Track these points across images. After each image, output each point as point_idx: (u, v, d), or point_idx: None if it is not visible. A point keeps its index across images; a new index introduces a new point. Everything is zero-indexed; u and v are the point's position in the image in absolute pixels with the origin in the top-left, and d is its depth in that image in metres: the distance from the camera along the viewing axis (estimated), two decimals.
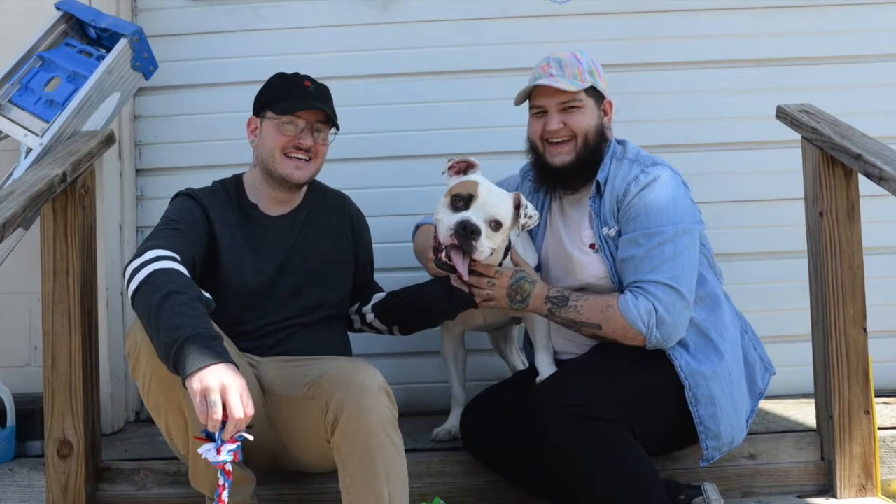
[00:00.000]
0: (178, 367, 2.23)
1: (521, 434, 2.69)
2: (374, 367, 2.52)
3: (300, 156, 2.86)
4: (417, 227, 3.16)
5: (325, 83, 2.96)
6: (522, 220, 2.74)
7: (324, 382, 2.51)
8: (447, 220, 2.67)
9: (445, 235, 2.66)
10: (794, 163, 3.14)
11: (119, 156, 3.63)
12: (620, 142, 2.91)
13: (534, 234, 2.98)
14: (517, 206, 2.75)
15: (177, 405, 2.48)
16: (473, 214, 2.65)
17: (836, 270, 2.94)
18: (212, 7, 3.81)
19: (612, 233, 2.76)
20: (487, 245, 2.66)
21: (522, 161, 3.05)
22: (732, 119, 3.77)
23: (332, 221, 3.02)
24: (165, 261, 2.48)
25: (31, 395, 3.26)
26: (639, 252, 2.68)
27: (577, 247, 2.85)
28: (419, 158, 3.72)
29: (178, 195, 2.90)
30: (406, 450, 2.47)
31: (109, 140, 3.16)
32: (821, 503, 2.93)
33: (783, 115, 3.14)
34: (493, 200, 2.70)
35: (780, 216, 3.68)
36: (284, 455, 2.73)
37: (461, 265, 2.66)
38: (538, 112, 2.87)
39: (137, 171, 3.78)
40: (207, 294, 2.45)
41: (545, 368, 2.87)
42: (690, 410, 2.69)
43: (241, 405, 2.18)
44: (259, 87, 2.96)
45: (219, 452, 2.19)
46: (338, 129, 2.94)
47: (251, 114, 2.95)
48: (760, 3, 3.81)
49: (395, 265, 3.47)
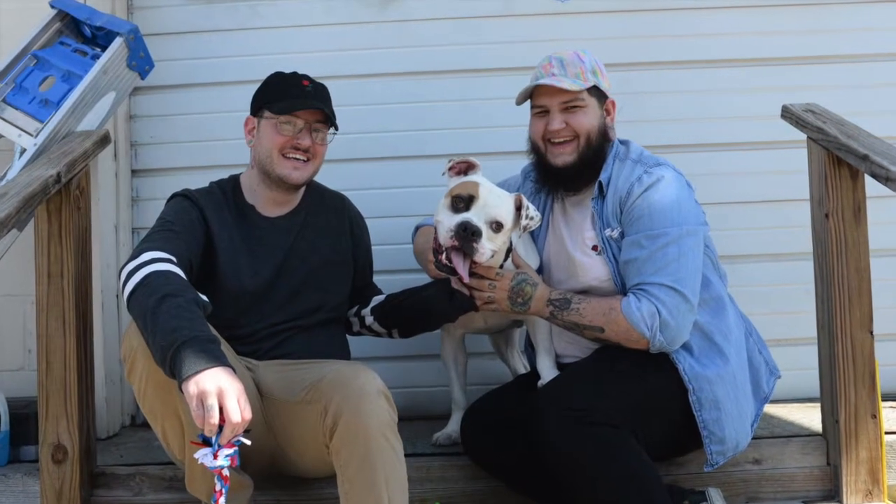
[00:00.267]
0: (175, 371, 2.23)
1: (523, 439, 2.70)
2: (374, 371, 2.52)
3: (298, 156, 2.86)
4: (417, 229, 3.16)
5: (324, 82, 2.96)
6: (524, 222, 2.74)
7: (322, 386, 2.51)
8: (447, 222, 2.67)
9: (446, 237, 2.66)
10: (800, 163, 3.14)
11: (114, 156, 3.63)
12: (623, 142, 2.91)
13: (535, 236, 2.99)
14: (518, 208, 2.75)
15: (173, 409, 2.48)
16: (474, 216, 2.66)
17: (843, 272, 2.94)
18: (209, 5, 3.81)
19: (615, 234, 2.77)
20: (488, 247, 2.66)
21: (524, 161, 3.05)
22: (737, 119, 3.77)
23: (331, 223, 3.02)
24: (161, 263, 2.48)
25: (26, 400, 3.26)
26: (642, 254, 2.68)
27: (580, 249, 2.85)
28: (419, 159, 3.72)
29: (175, 196, 2.89)
30: (406, 454, 2.47)
31: (105, 140, 3.16)
32: None
33: (788, 115, 3.14)
34: (494, 201, 2.70)
35: (786, 217, 3.68)
36: (282, 460, 2.73)
37: (462, 267, 2.67)
38: (540, 112, 2.87)
39: (133, 172, 3.78)
40: (204, 297, 2.44)
41: (547, 372, 2.87)
42: (694, 415, 2.69)
43: (239, 409, 2.19)
44: (256, 87, 2.96)
45: (216, 457, 2.20)
46: (336, 129, 2.94)
47: (248, 113, 2.95)
48: (765, 2, 3.80)
49: (395, 267, 3.47)
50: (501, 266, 2.81)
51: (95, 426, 3.08)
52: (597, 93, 2.85)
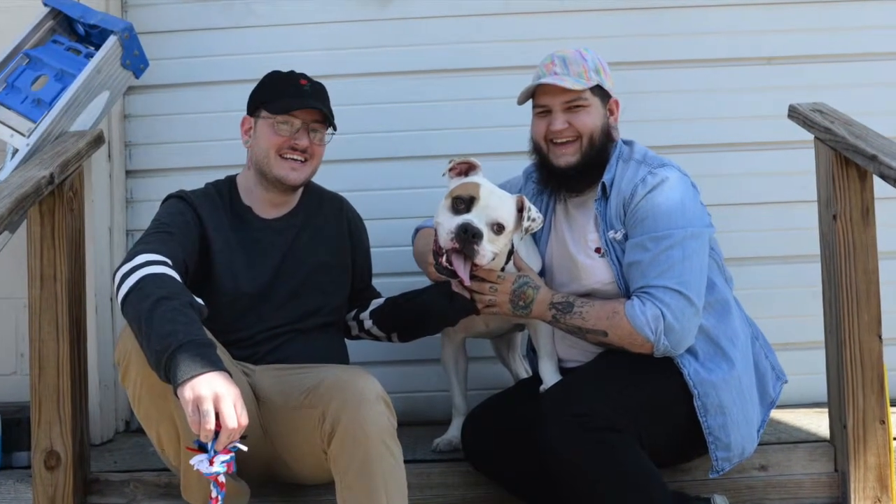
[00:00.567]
0: (170, 376, 2.23)
1: (525, 444, 2.70)
2: (373, 376, 2.53)
3: (296, 157, 2.86)
4: (417, 231, 3.16)
5: (322, 81, 2.96)
6: (526, 224, 2.74)
7: (320, 391, 2.51)
8: (448, 224, 2.67)
9: (446, 239, 2.66)
10: (807, 164, 3.14)
11: (108, 157, 3.64)
12: (627, 142, 2.92)
13: (537, 238, 2.99)
14: (520, 209, 2.75)
15: (168, 415, 2.48)
16: (475, 217, 2.66)
17: (850, 275, 2.93)
18: (204, 3, 3.81)
19: (619, 236, 2.77)
20: (489, 249, 2.67)
21: (526, 162, 3.05)
22: (743, 119, 3.78)
23: (329, 225, 3.02)
24: (156, 265, 2.49)
25: (18, 405, 3.26)
26: (646, 256, 2.69)
27: (583, 251, 2.85)
28: (419, 159, 3.73)
29: (170, 197, 2.90)
30: (405, 461, 2.47)
31: (98, 140, 3.17)
32: None
33: (795, 115, 3.14)
34: (496, 203, 2.71)
35: (792, 219, 3.68)
36: (280, 466, 2.73)
37: (462, 270, 2.67)
38: (542, 111, 2.87)
39: (127, 173, 3.78)
40: (200, 300, 2.45)
41: (549, 376, 2.87)
42: (699, 420, 2.69)
43: (235, 415, 2.19)
44: (253, 86, 2.97)
45: (211, 464, 2.20)
46: (335, 130, 2.94)
47: (245, 113, 2.96)
48: None
49: (394, 270, 3.47)
50: (503, 269, 2.81)
51: (89, 432, 3.07)
52: (600, 92, 2.85)
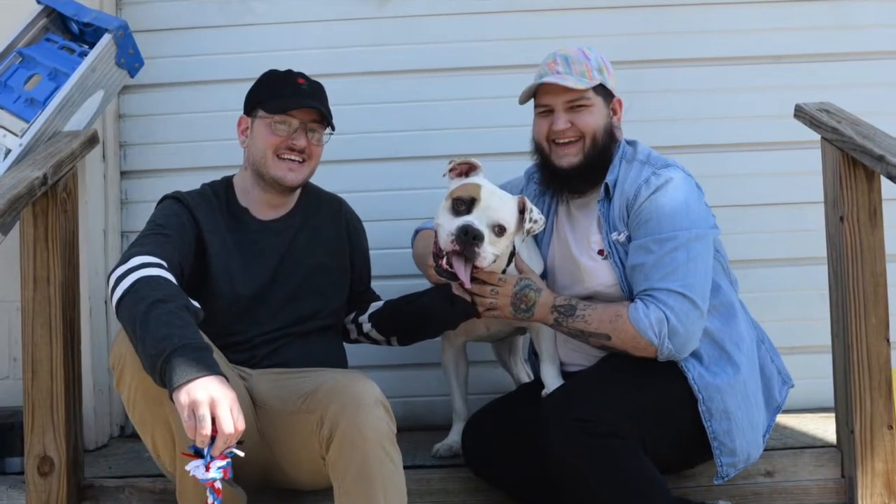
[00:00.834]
0: (165, 380, 2.24)
1: (526, 450, 2.70)
2: (372, 380, 2.53)
3: (293, 157, 2.87)
4: (417, 233, 3.17)
5: (320, 80, 2.97)
6: (527, 225, 2.75)
7: (318, 396, 2.51)
8: (448, 225, 2.68)
9: (446, 241, 2.67)
10: (814, 164, 3.14)
11: (103, 157, 3.64)
12: (630, 142, 2.92)
13: (539, 240, 2.99)
14: (522, 210, 2.76)
15: (163, 420, 2.48)
16: (476, 219, 2.66)
17: (858, 278, 2.94)
18: (201, 0, 3.82)
19: (622, 238, 2.77)
20: (490, 251, 2.67)
21: (527, 163, 3.06)
22: (748, 118, 3.78)
23: (328, 226, 3.03)
24: (151, 268, 2.49)
25: (11, 410, 3.26)
26: (650, 259, 2.69)
27: (585, 253, 2.85)
28: (418, 160, 3.73)
29: (165, 198, 2.90)
30: (405, 466, 2.47)
31: (93, 141, 3.17)
32: None
33: (802, 115, 3.14)
34: (497, 204, 2.71)
35: (799, 221, 3.68)
36: (276, 472, 2.73)
37: (463, 272, 2.67)
38: (544, 111, 2.88)
39: (122, 174, 3.79)
40: (196, 303, 2.45)
41: (551, 381, 2.87)
42: (704, 425, 2.69)
43: (232, 419, 2.19)
44: (250, 85, 2.97)
45: (207, 469, 2.20)
46: (333, 129, 2.95)
47: (242, 113, 2.96)
48: None
49: (394, 272, 3.47)
50: (504, 271, 2.81)
51: (83, 437, 3.08)
52: (603, 91, 2.85)
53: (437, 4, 3.81)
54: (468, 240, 2.63)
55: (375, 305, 3.06)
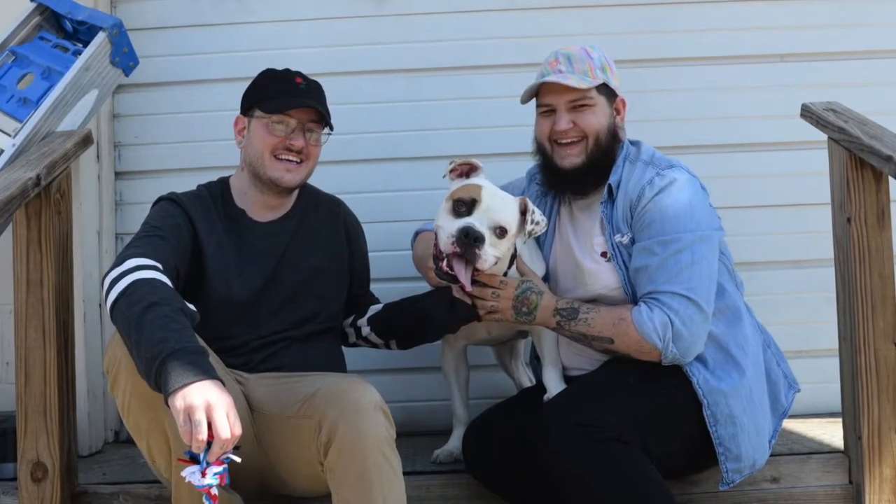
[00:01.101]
0: (161, 384, 2.23)
1: (528, 456, 2.69)
2: (371, 384, 2.53)
3: (291, 158, 2.86)
4: (417, 235, 3.17)
5: (318, 80, 2.97)
6: (529, 227, 2.75)
7: (316, 400, 2.51)
8: (448, 227, 2.67)
9: (447, 243, 2.66)
10: (820, 165, 3.14)
11: (97, 158, 3.64)
12: (634, 143, 2.92)
13: (541, 242, 2.99)
14: (523, 212, 2.76)
15: (159, 425, 2.48)
16: (477, 220, 2.66)
17: (865, 280, 2.93)
18: None
19: (625, 240, 2.77)
20: (492, 253, 2.67)
21: (529, 163, 3.06)
22: (754, 118, 3.78)
23: (326, 228, 3.03)
24: (147, 270, 2.49)
25: (3, 415, 3.26)
26: (654, 261, 2.69)
27: (588, 255, 2.85)
28: (418, 160, 3.73)
29: (160, 200, 2.90)
30: (404, 472, 2.48)
31: (87, 141, 3.17)
32: None
33: (808, 114, 3.14)
34: (498, 205, 2.71)
35: (805, 222, 3.68)
36: (274, 478, 2.73)
37: (463, 275, 2.67)
38: (546, 111, 2.87)
39: (117, 175, 3.79)
40: (192, 306, 2.45)
41: (553, 385, 2.87)
42: (709, 430, 2.69)
43: (228, 425, 2.19)
44: (247, 84, 2.97)
45: (204, 475, 2.20)
46: (331, 129, 2.95)
47: (238, 113, 2.96)
48: None
49: (393, 275, 3.47)
50: (505, 274, 2.81)
51: (77, 443, 3.07)
52: (606, 91, 2.85)
53: (437, 2, 3.81)
54: (469, 242, 2.63)
55: (374, 309, 3.05)
